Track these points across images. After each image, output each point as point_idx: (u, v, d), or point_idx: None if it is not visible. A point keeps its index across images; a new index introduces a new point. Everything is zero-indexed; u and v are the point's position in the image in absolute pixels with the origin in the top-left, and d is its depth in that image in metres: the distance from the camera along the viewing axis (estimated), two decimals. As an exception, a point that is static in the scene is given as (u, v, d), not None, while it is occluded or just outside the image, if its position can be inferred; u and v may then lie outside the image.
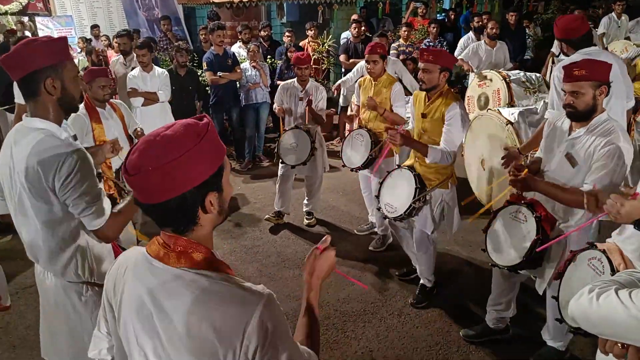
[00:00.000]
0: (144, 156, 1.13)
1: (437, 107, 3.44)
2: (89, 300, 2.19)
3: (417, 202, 3.51)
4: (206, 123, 1.20)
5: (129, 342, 1.25)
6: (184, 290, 1.17)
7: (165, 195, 1.14)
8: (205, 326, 1.14)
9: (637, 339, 1.29)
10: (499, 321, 3.35)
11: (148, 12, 9.32)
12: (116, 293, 1.28)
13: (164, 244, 1.22)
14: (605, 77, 2.61)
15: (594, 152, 2.58)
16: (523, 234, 2.82)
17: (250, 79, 6.86)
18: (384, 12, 10.09)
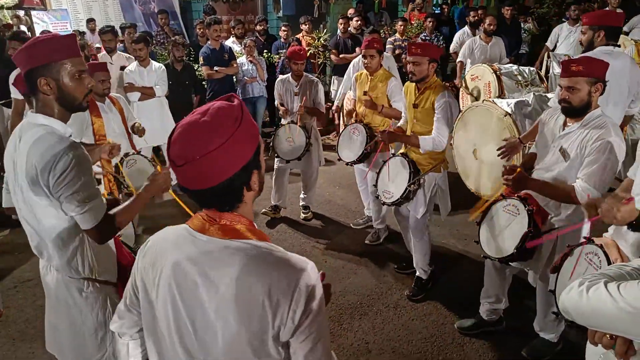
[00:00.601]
0: (189, 146, 1.16)
1: (427, 97, 3.57)
2: (89, 296, 2.20)
3: (412, 185, 3.63)
4: (239, 104, 1.23)
5: (169, 316, 1.26)
6: (231, 259, 1.20)
7: (214, 181, 1.18)
8: (254, 292, 1.17)
9: (625, 330, 1.33)
10: (492, 313, 3.40)
11: (144, 6, 9.29)
12: (155, 269, 1.29)
13: (210, 218, 1.26)
14: (601, 74, 2.64)
15: (585, 146, 2.62)
16: (515, 226, 2.86)
17: (247, 74, 6.87)
18: (380, 6, 10.08)
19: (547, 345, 3.18)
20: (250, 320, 1.18)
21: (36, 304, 3.81)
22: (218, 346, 1.21)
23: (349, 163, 4.55)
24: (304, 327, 1.19)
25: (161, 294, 1.27)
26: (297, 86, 4.90)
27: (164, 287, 1.26)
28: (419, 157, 3.70)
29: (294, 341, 1.21)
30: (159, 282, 1.27)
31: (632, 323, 1.28)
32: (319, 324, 1.23)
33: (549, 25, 9.48)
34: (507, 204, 2.97)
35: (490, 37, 7.10)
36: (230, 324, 1.19)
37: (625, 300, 1.29)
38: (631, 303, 1.28)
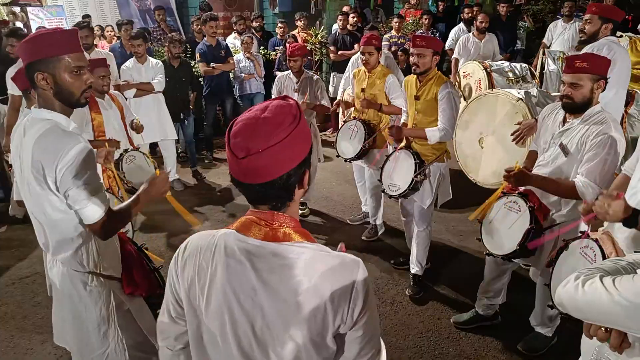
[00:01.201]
0: (252, 139, 1.18)
1: (429, 88, 3.62)
2: (93, 290, 2.22)
3: (419, 175, 3.67)
4: (296, 103, 1.27)
5: (225, 325, 1.27)
6: (289, 262, 1.22)
7: (273, 175, 1.20)
8: (315, 294, 1.20)
9: (619, 323, 1.36)
10: (488, 308, 3.43)
11: (140, 2, 9.25)
12: (202, 278, 1.29)
13: (263, 222, 1.26)
14: (604, 71, 2.66)
15: (586, 141, 2.64)
16: (517, 223, 2.88)
17: (245, 70, 6.88)
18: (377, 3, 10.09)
19: (542, 339, 3.22)
20: (312, 320, 1.21)
21: (34, 301, 3.82)
22: (280, 348, 1.23)
23: (347, 159, 4.57)
24: (362, 323, 1.24)
25: (214, 302, 1.27)
26: (297, 82, 4.91)
27: (217, 296, 1.26)
28: (422, 148, 3.75)
29: (351, 334, 1.24)
30: (208, 291, 1.28)
31: (627, 316, 1.31)
32: (373, 317, 1.27)
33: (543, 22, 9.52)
34: (509, 201, 2.99)
35: (483, 34, 7.14)
36: (291, 326, 1.21)
37: (620, 294, 1.31)
38: (626, 297, 1.30)
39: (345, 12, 7.91)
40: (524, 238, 2.79)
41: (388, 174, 3.92)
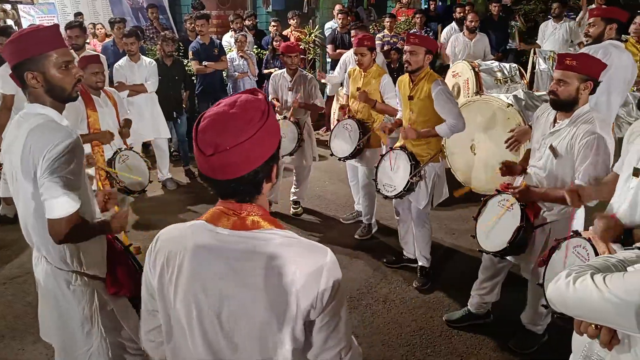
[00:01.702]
0: (220, 135, 1.18)
1: (421, 87, 3.64)
2: (77, 290, 2.21)
3: (414, 177, 3.68)
4: (265, 98, 1.27)
5: (192, 314, 1.27)
6: (257, 250, 1.23)
7: (242, 171, 1.21)
8: (284, 280, 1.20)
9: (609, 320, 1.37)
10: (480, 306, 3.46)
11: (132, 0, 9.21)
12: (172, 269, 1.29)
13: (231, 211, 1.27)
14: (593, 73, 2.66)
15: (574, 143, 2.66)
16: (509, 221, 2.91)
17: (238, 69, 6.87)
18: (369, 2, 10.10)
19: (533, 337, 3.25)
20: (280, 307, 1.21)
21: (25, 301, 3.80)
22: (247, 337, 1.24)
23: (341, 158, 4.58)
24: (329, 309, 1.24)
25: (181, 291, 1.27)
26: (291, 81, 4.91)
27: (184, 283, 1.27)
28: (418, 148, 3.76)
29: (319, 321, 1.25)
30: (177, 279, 1.28)
31: (617, 313, 1.32)
32: (341, 307, 1.28)
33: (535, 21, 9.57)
34: (502, 199, 3.02)
35: (473, 34, 7.19)
36: (260, 314, 1.22)
37: (610, 291, 1.32)
38: (616, 294, 1.31)
39: (345, 10, 7.90)
40: (514, 236, 2.81)
41: (383, 174, 3.92)
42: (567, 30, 7.42)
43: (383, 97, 4.39)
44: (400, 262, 4.24)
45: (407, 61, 3.62)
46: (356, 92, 4.48)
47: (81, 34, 5.29)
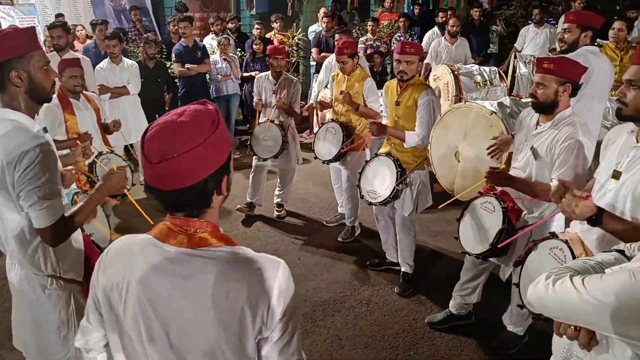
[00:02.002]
0: (167, 143, 1.15)
1: (410, 94, 3.65)
2: (52, 294, 2.19)
3: (400, 184, 3.68)
4: (215, 109, 1.25)
5: (141, 330, 1.25)
6: (205, 267, 1.20)
7: (189, 181, 1.18)
8: (232, 298, 1.18)
9: (588, 321, 1.40)
10: (462, 307, 3.49)
11: (115, 2, 9.12)
12: (120, 285, 1.26)
13: (178, 228, 1.24)
14: (573, 76, 2.71)
15: (555, 147, 2.70)
16: (491, 223, 2.95)
17: (221, 71, 6.85)
18: (353, 5, 10.15)
19: (514, 338, 3.30)
20: (230, 325, 1.19)
21: (4, 306, 3.74)
22: (198, 355, 1.22)
23: (325, 161, 4.59)
24: (282, 325, 1.23)
25: (130, 309, 1.25)
26: (275, 84, 4.92)
27: (132, 302, 1.24)
28: (404, 155, 3.77)
29: (272, 337, 1.23)
30: (126, 296, 1.25)
31: (595, 315, 1.34)
32: (294, 321, 1.26)
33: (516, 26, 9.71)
34: (485, 201, 3.06)
35: (454, 38, 7.30)
36: (209, 332, 1.20)
37: (589, 293, 1.35)
38: (594, 296, 1.34)
39: (329, 14, 7.93)
40: (496, 238, 2.85)
41: (367, 181, 3.90)
42: (547, 35, 7.57)
43: (366, 100, 4.42)
44: (383, 264, 4.27)
45: (403, 71, 3.59)
46: (339, 96, 4.50)
47: (63, 34, 5.19)
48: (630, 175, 2.09)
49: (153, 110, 5.96)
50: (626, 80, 2.07)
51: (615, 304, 1.29)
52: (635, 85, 2.03)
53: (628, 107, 2.07)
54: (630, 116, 2.09)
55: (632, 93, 2.04)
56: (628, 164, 2.11)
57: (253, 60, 7.25)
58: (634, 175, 2.07)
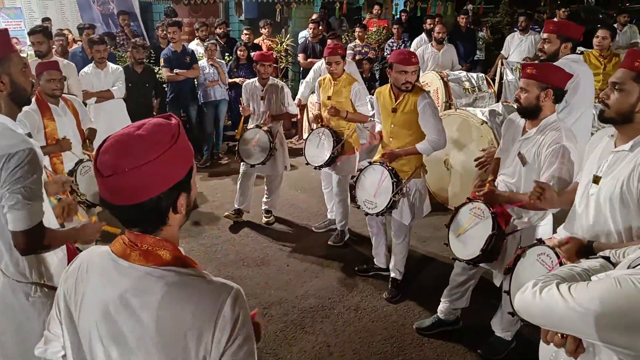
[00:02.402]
0: (120, 157, 1.12)
1: (407, 100, 3.62)
2: (36, 302, 2.15)
3: (397, 195, 3.65)
4: (177, 123, 1.21)
5: (91, 343, 1.23)
6: (152, 287, 1.17)
7: (141, 197, 1.14)
8: (176, 321, 1.16)
9: (574, 329, 1.41)
10: (450, 312, 3.50)
11: (103, 7, 9.07)
12: (77, 293, 1.25)
13: (131, 243, 1.21)
14: (555, 82, 2.75)
15: (540, 152, 2.74)
16: (481, 229, 2.97)
17: (209, 77, 6.84)
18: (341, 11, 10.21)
19: (502, 344, 3.31)
20: (173, 350, 1.16)
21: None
22: None
23: (316, 167, 4.59)
24: (230, 353, 1.18)
25: (83, 320, 1.24)
26: (262, 90, 4.93)
27: (86, 313, 1.23)
28: (398, 164, 3.72)
29: None
30: (80, 307, 1.24)
31: (581, 322, 1.35)
32: (244, 349, 1.20)
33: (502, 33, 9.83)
34: (474, 207, 3.07)
35: (441, 45, 7.38)
36: (154, 352, 1.17)
37: (575, 300, 1.36)
38: (580, 303, 1.35)
39: (316, 20, 7.98)
40: (486, 243, 2.87)
41: (364, 190, 3.83)
42: (532, 42, 7.68)
43: (354, 104, 4.44)
44: (371, 270, 4.28)
45: (408, 81, 3.56)
46: (327, 101, 4.52)
47: (44, 39, 4.98)
48: (608, 180, 2.14)
49: (141, 115, 5.87)
50: (611, 82, 2.11)
51: (600, 311, 1.30)
52: (619, 88, 2.07)
53: (610, 109, 2.11)
54: (612, 118, 2.13)
55: (615, 95, 2.09)
56: (607, 169, 2.17)
57: (237, 67, 7.26)
58: (611, 179, 2.13)
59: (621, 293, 1.29)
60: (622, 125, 2.12)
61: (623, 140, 2.14)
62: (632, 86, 2.05)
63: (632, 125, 2.09)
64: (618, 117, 2.10)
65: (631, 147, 2.09)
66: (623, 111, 2.08)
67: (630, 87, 2.05)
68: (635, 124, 2.08)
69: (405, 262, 4.02)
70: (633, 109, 2.06)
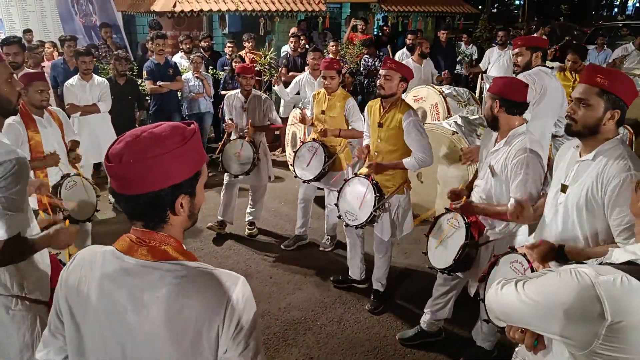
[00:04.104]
0: (128, 147, 1.17)
1: (392, 115, 3.63)
2: (17, 315, 2.13)
3: (378, 210, 3.65)
4: (193, 129, 1.25)
5: (98, 341, 1.26)
6: (161, 281, 1.21)
7: (140, 189, 1.19)
8: (186, 313, 1.19)
9: (526, 322, 1.50)
10: (433, 324, 3.54)
11: (85, 19, 9.04)
12: (81, 293, 1.27)
13: (138, 240, 1.25)
14: (504, 93, 2.84)
15: (508, 163, 2.84)
16: (456, 239, 3.04)
17: (194, 89, 6.86)
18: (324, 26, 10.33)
19: (483, 353, 3.35)
20: (184, 340, 1.20)
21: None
22: None
23: (305, 181, 4.57)
24: (238, 343, 1.22)
25: (89, 319, 1.26)
26: (245, 102, 4.96)
27: (91, 312, 1.25)
28: (382, 178, 3.74)
29: (230, 352, 1.23)
30: (86, 306, 1.26)
31: (530, 314, 1.45)
32: (254, 338, 1.25)
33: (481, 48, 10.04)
34: (451, 217, 3.14)
35: (422, 59, 7.56)
36: (164, 346, 1.21)
37: (525, 293, 1.45)
38: (528, 295, 1.44)
39: (297, 34, 8.07)
40: (458, 253, 2.94)
41: (346, 201, 3.85)
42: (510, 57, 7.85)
43: (348, 120, 4.46)
44: (347, 282, 4.28)
45: (381, 85, 3.57)
46: (320, 115, 4.55)
47: (19, 51, 4.91)
48: (574, 188, 2.25)
49: (123, 128, 5.89)
50: (576, 98, 2.22)
51: (543, 302, 1.40)
52: (585, 104, 2.17)
53: (577, 124, 2.22)
54: (578, 132, 2.24)
55: (581, 111, 2.19)
56: (573, 178, 2.28)
57: (232, 78, 7.29)
58: (577, 187, 2.24)
59: (560, 283, 1.38)
60: (587, 137, 2.23)
61: (587, 151, 2.26)
62: (596, 101, 2.15)
63: (596, 137, 2.21)
64: (585, 130, 2.21)
65: (594, 156, 2.21)
66: (590, 125, 2.19)
67: (595, 102, 2.16)
68: (599, 135, 2.20)
69: (387, 274, 4.04)
70: (599, 122, 2.17)
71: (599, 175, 2.15)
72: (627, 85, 2.16)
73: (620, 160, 2.12)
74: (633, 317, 1.26)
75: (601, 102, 2.14)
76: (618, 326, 1.26)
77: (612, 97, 2.13)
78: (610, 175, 2.11)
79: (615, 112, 2.14)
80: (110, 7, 9.09)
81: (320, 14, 10.19)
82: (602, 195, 2.14)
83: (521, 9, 30.95)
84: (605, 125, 2.17)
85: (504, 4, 35.78)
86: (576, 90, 2.24)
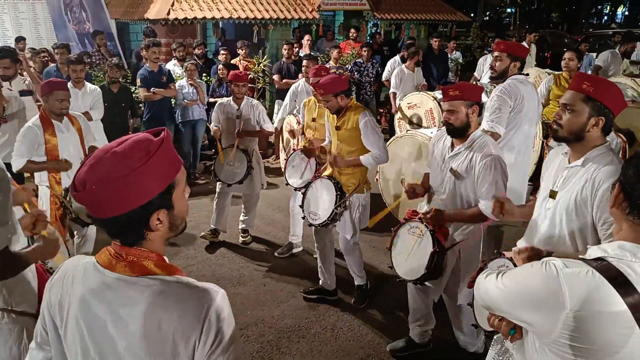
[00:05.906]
0: (91, 172, 1.15)
1: (348, 118, 3.79)
2: (3, 328, 2.11)
3: (339, 207, 3.76)
4: (160, 139, 1.20)
5: (77, 354, 1.26)
6: (139, 296, 1.20)
7: (110, 213, 1.17)
8: (163, 328, 1.19)
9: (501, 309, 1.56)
10: (422, 335, 3.53)
11: (78, 26, 9.04)
12: (62, 305, 1.27)
13: (116, 255, 1.24)
14: (476, 98, 2.96)
15: (474, 166, 2.92)
16: (423, 247, 3.07)
17: (187, 96, 6.88)
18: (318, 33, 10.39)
19: (473, 357, 3.36)
20: (161, 355, 1.20)
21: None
22: None
23: (297, 188, 4.57)
24: (216, 356, 1.21)
25: (69, 331, 1.26)
26: (238, 109, 4.97)
27: (72, 324, 1.25)
28: (344, 178, 3.87)
29: None
30: (67, 318, 1.26)
31: (500, 300, 1.53)
32: (232, 352, 1.23)
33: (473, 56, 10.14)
34: (411, 227, 3.18)
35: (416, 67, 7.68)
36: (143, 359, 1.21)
37: (501, 281, 1.53)
38: (504, 283, 1.51)
39: (291, 42, 8.12)
40: (429, 261, 2.98)
41: (309, 202, 3.99)
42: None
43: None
44: (315, 293, 4.21)
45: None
46: (311, 122, 4.58)
47: (11, 64, 5.12)
48: (564, 193, 2.29)
49: (116, 135, 5.85)
50: (562, 104, 2.28)
51: (514, 289, 1.48)
52: (570, 109, 2.22)
53: (563, 129, 2.26)
54: (565, 137, 2.28)
55: (567, 116, 2.24)
56: (562, 183, 2.31)
57: (219, 86, 7.32)
58: (566, 193, 2.27)
59: (530, 272, 1.46)
60: (574, 143, 2.27)
61: (576, 157, 2.29)
62: (581, 107, 2.20)
63: (583, 143, 2.24)
64: (570, 136, 2.25)
65: (583, 162, 2.24)
66: (574, 130, 2.23)
67: (580, 107, 2.20)
68: (586, 142, 2.24)
69: (362, 267, 4.10)
70: (584, 127, 2.21)
71: (588, 180, 2.18)
72: (613, 94, 2.20)
73: (610, 165, 2.15)
74: (593, 308, 1.28)
75: (586, 109, 2.18)
76: (578, 315, 1.29)
77: (597, 104, 2.17)
78: (601, 178, 2.14)
79: (599, 119, 2.18)
80: (104, 14, 9.09)
81: (313, 22, 10.26)
82: (592, 200, 2.16)
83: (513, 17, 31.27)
84: (590, 132, 2.20)
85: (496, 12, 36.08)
86: (564, 96, 2.29)
